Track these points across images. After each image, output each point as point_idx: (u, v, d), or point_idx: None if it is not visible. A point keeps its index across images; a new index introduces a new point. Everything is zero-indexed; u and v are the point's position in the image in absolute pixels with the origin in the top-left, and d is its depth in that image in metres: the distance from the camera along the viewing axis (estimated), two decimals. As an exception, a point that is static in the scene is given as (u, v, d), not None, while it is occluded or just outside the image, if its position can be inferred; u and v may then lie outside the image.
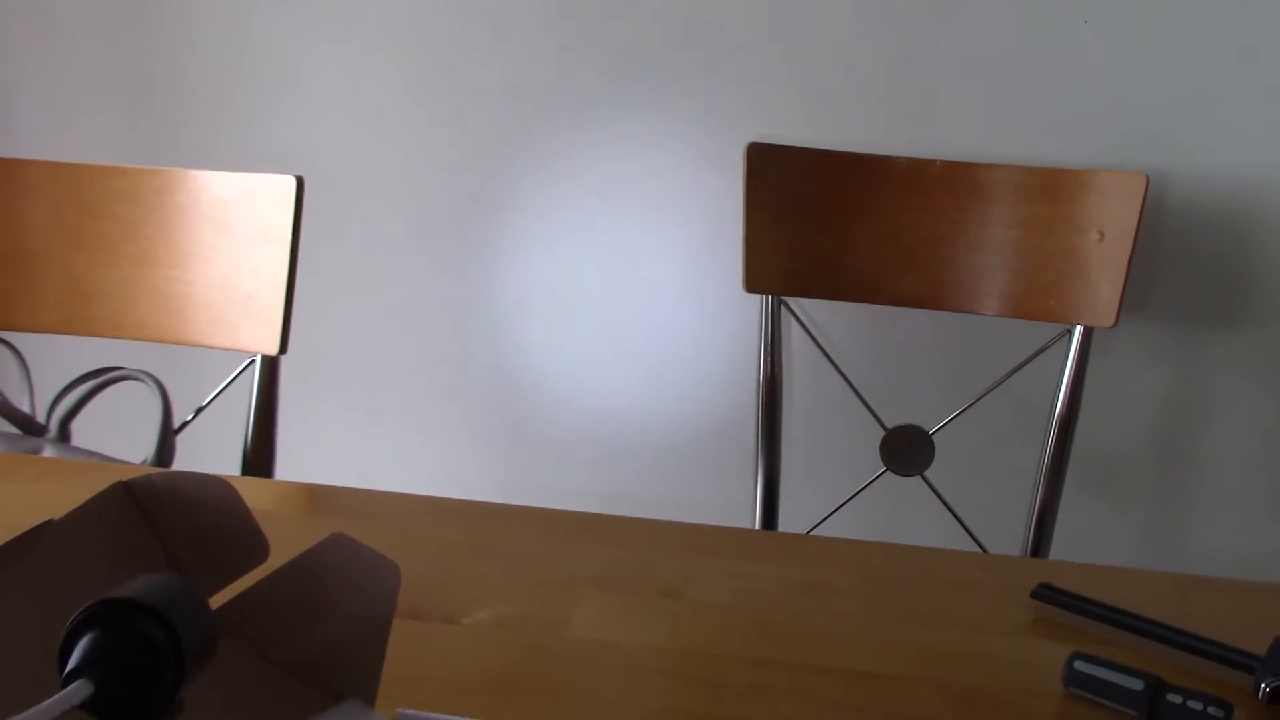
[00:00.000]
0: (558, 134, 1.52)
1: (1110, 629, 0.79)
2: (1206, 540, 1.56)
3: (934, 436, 1.38)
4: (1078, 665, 0.72)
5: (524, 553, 0.88)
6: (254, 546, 0.60)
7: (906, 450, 1.39)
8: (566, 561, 0.87)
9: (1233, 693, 0.73)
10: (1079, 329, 1.32)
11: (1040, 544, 1.37)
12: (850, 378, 1.42)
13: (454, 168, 1.56)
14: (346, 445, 1.71)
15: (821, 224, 1.37)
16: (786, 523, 1.59)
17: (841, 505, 1.45)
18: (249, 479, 1.00)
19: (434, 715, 0.62)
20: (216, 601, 0.61)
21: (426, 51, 1.52)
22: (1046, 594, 0.82)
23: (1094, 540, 1.58)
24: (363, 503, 0.95)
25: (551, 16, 1.47)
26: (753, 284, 1.37)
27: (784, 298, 1.39)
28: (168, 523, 0.58)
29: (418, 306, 1.63)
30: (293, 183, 1.19)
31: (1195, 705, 0.68)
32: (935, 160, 1.34)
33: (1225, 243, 1.44)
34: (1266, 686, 0.70)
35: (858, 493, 1.44)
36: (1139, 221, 1.28)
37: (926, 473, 1.39)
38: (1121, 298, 1.29)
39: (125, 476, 0.60)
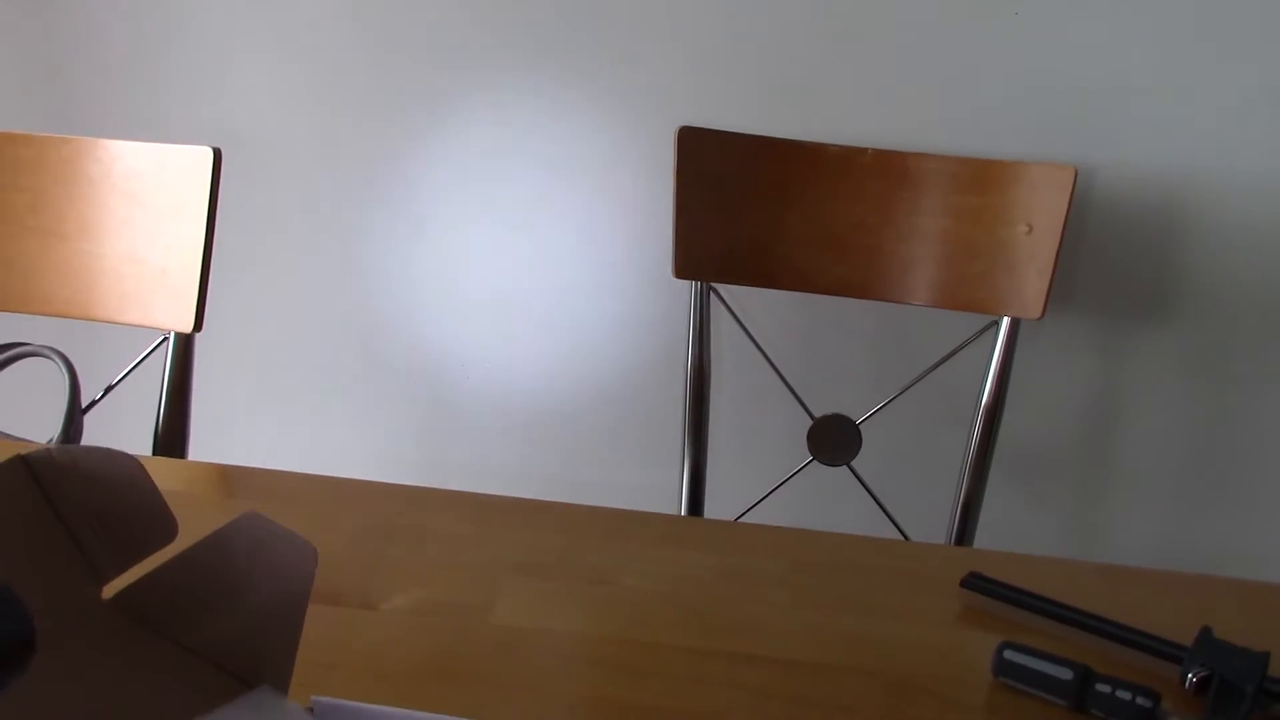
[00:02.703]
0: (485, 116, 1.49)
1: (1039, 619, 0.79)
2: (1127, 529, 1.57)
3: (861, 426, 1.37)
4: (1007, 654, 0.71)
5: (445, 537, 0.85)
6: (161, 525, 0.57)
7: (833, 440, 1.38)
8: (489, 547, 0.84)
9: (1160, 682, 0.72)
10: (1006, 320, 1.33)
11: (965, 533, 1.37)
12: (779, 366, 1.41)
13: (376, 146, 1.52)
14: (262, 425, 1.67)
15: (752, 210, 1.36)
16: (712, 511, 1.58)
17: (768, 494, 1.44)
18: (159, 459, 0.96)
19: (349, 703, 0.59)
20: (123, 582, 0.58)
21: (351, 30, 1.48)
22: (976, 583, 0.81)
23: (1017, 529, 1.59)
24: (278, 484, 0.92)
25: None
26: (682, 270, 1.36)
27: (713, 284, 1.37)
28: (68, 500, 0.55)
29: (337, 285, 1.59)
30: (209, 154, 1.15)
31: (1124, 695, 0.68)
32: (866, 149, 1.33)
33: (1150, 237, 1.45)
34: (1193, 676, 0.70)
35: (784, 482, 1.44)
36: (1067, 214, 1.28)
37: (853, 462, 1.38)
38: (1048, 290, 1.29)
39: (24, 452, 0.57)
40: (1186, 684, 0.71)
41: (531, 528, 0.88)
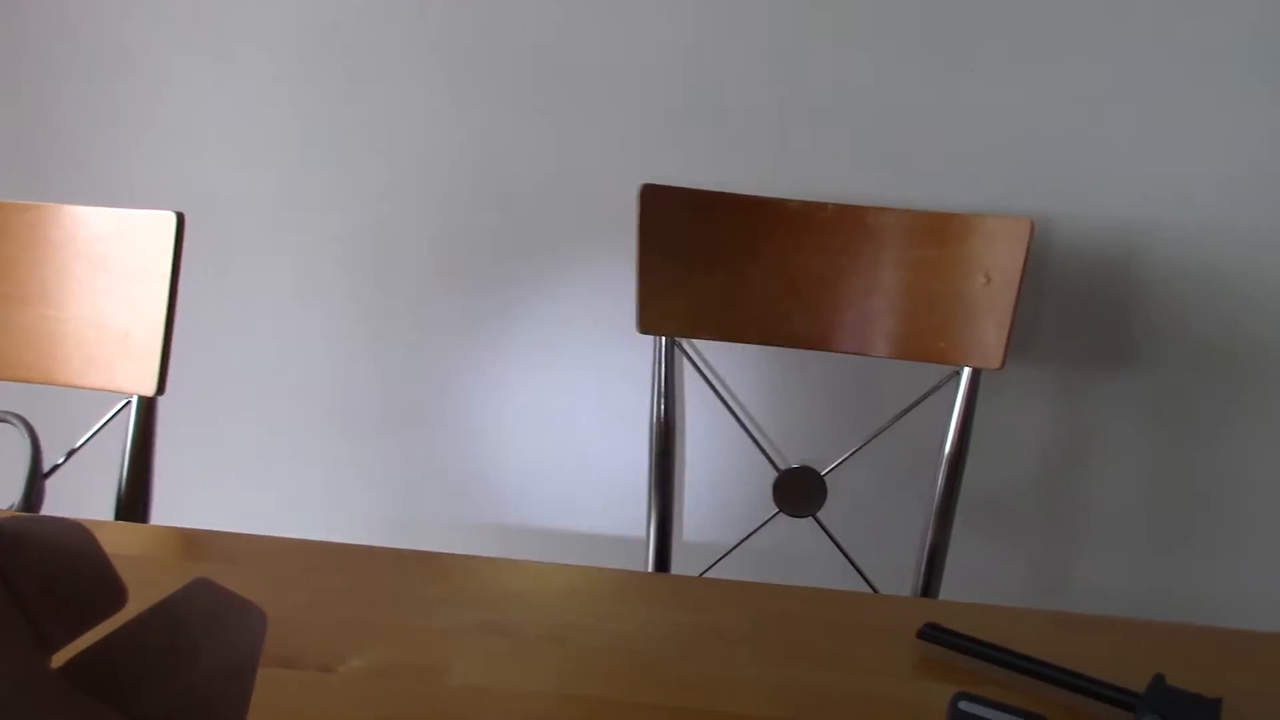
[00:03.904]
0: (445, 174, 1.51)
1: (995, 668, 0.79)
2: (1090, 578, 1.58)
3: (827, 477, 1.38)
4: (962, 705, 0.71)
5: (404, 597, 0.85)
6: (110, 594, 0.57)
7: (799, 492, 1.39)
8: (448, 606, 0.84)
9: (1114, 730, 0.73)
10: (967, 371, 1.34)
11: (930, 583, 1.38)
12: (744, 419, 1.42)
13: (338, 206, 1.54)
14: (227, 489, 1.66)
15: (714, 266, 1.37)
16: (680, 565, 1.58)
17: (734, 547, 1.45)
18: (119, 524, 0.96)
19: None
20: (71, 651, 0.58)
21: (310, 90, 1.49)
22: (932, 634, 0.81)
23: (983, 579, 1.60)
24: (237, 547, 0.92)
25: (439, 52, 1.46)
26: (646, 325, 1.37)
27: (678, 339, 1.39)
28: (17, 570, 0.55)
29: (302, 346, 1.60)
30: (172, 219, 1.16)
31: (1077, 744, 0.69)
32: (827, 204, 1.35)
33: (1107, 287, 1.47)
34: (1146, 724, 0.71)
35: (750, 535, 1.44)
36: (1024, 266, 1.30)
37: (820, 513, 1.39)
38: (1008, 340, 1.31)
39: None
40: (1139, 732, 0.71)
41: (492, 586, 0.88)
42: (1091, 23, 1.38)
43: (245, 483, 1.66)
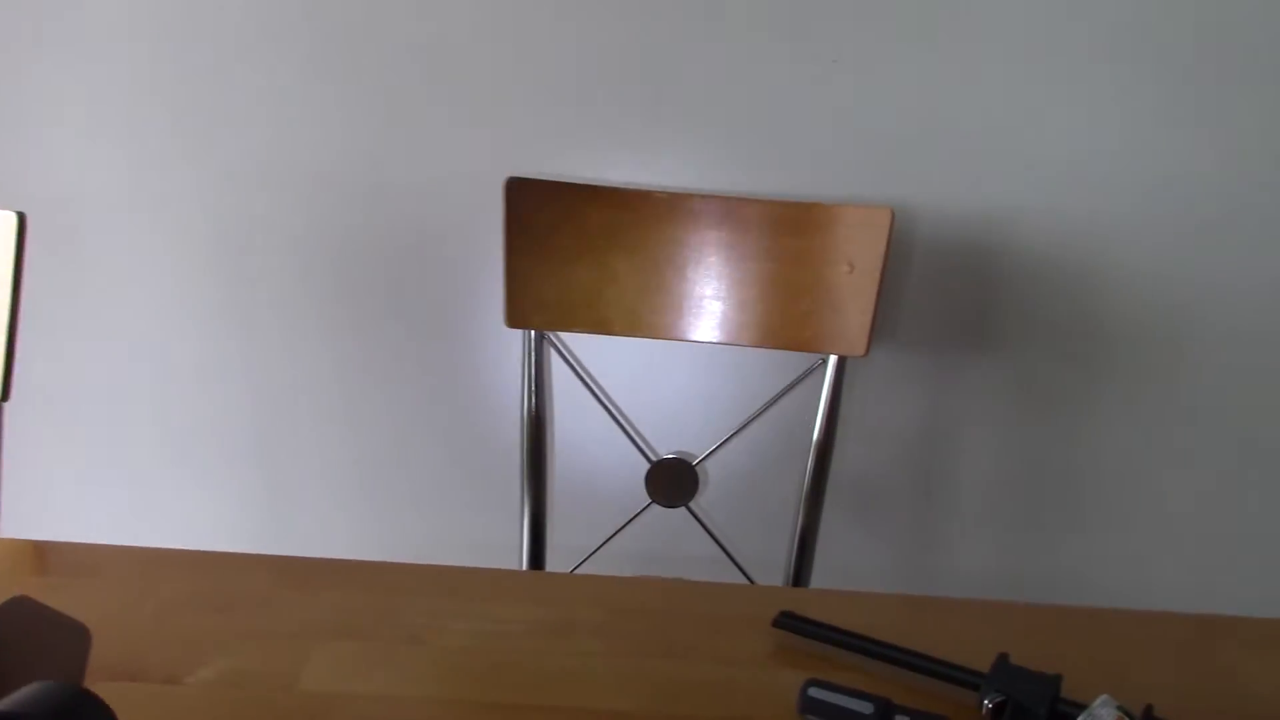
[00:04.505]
0: (311, 170, 1.48)
1: (848, 653, 0.81)
2: (957, 560, 1.62)
3: (699, 467, 1.39)
4: (812, 692, 0.72)
5: (255, 604, 0.84)
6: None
7: (671, 482, 1.40)
8: (301, 611, 0.83)
9: (958, 710, 0.75)
10: (833, 358, 1.36)
11: (801, 571, 1.39)
12: (614, 411, 1.42)
13: (197, 203, 1.50)
14: (81, 497, 1.62)
15: (582, 258, 1.37)
16: (554, 561, 1.58)
17: (607, 540, 1.45)
18: (-40, 537, 0.93)
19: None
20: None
21: (167, 82, 1.45)
22: (787, 622, 0.82)
23: (855, 564, 1.62)
24: (83, 557, 0.89)
25: (305, 43, 1.44)
26: (514, 319, 1.36)
27: (547, 332, 1.38)
28: None
29: (158, 347, 1.55)
30: (13, 219, 1.12)
31: (922, 725, 0.70)
32: (691, 195, 1.35)
33: (970, 274, 1.50)
34: (989, 702, 0.73)
35: (622, 527, 1.44)
36: (886, 254, 1.32)
37: (695, 503, 1.40)
38: (872, 328, 1.33)
39: None
40: (983, 710, 0.73)
41: (347, 588, 0.87)
42: (952, 13, 1.40)
43: (100, 490, 1.62)
